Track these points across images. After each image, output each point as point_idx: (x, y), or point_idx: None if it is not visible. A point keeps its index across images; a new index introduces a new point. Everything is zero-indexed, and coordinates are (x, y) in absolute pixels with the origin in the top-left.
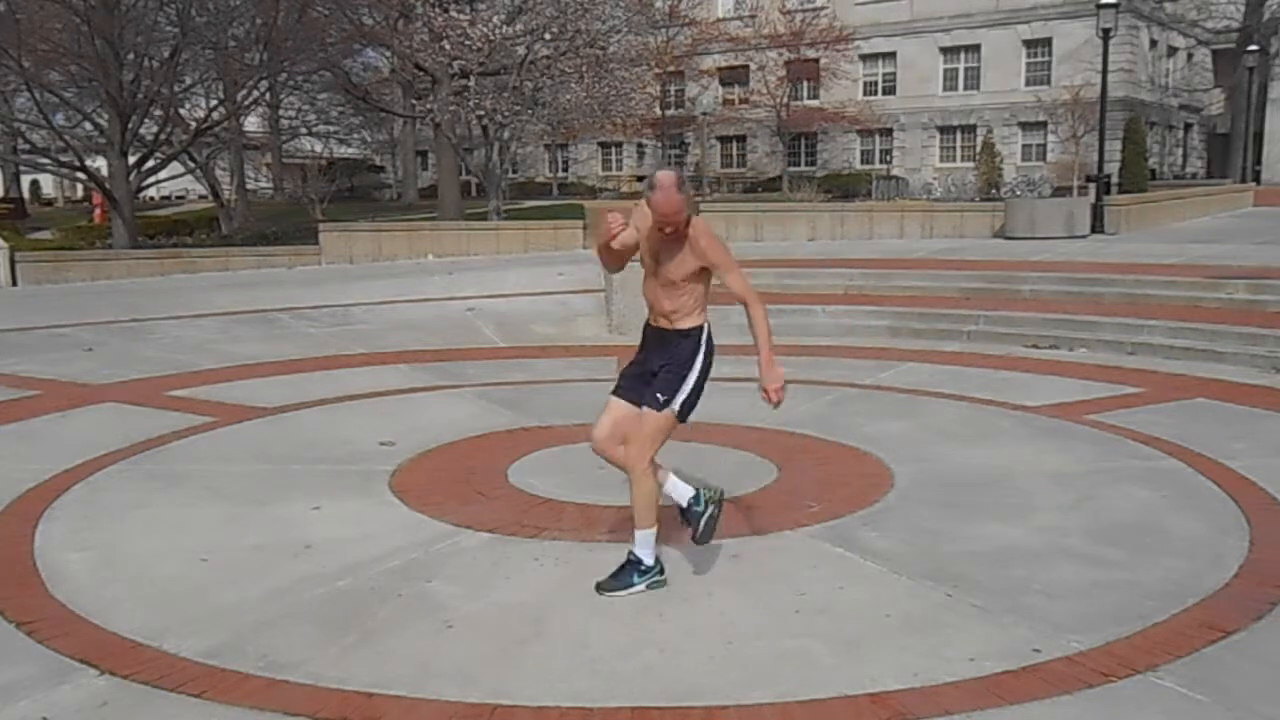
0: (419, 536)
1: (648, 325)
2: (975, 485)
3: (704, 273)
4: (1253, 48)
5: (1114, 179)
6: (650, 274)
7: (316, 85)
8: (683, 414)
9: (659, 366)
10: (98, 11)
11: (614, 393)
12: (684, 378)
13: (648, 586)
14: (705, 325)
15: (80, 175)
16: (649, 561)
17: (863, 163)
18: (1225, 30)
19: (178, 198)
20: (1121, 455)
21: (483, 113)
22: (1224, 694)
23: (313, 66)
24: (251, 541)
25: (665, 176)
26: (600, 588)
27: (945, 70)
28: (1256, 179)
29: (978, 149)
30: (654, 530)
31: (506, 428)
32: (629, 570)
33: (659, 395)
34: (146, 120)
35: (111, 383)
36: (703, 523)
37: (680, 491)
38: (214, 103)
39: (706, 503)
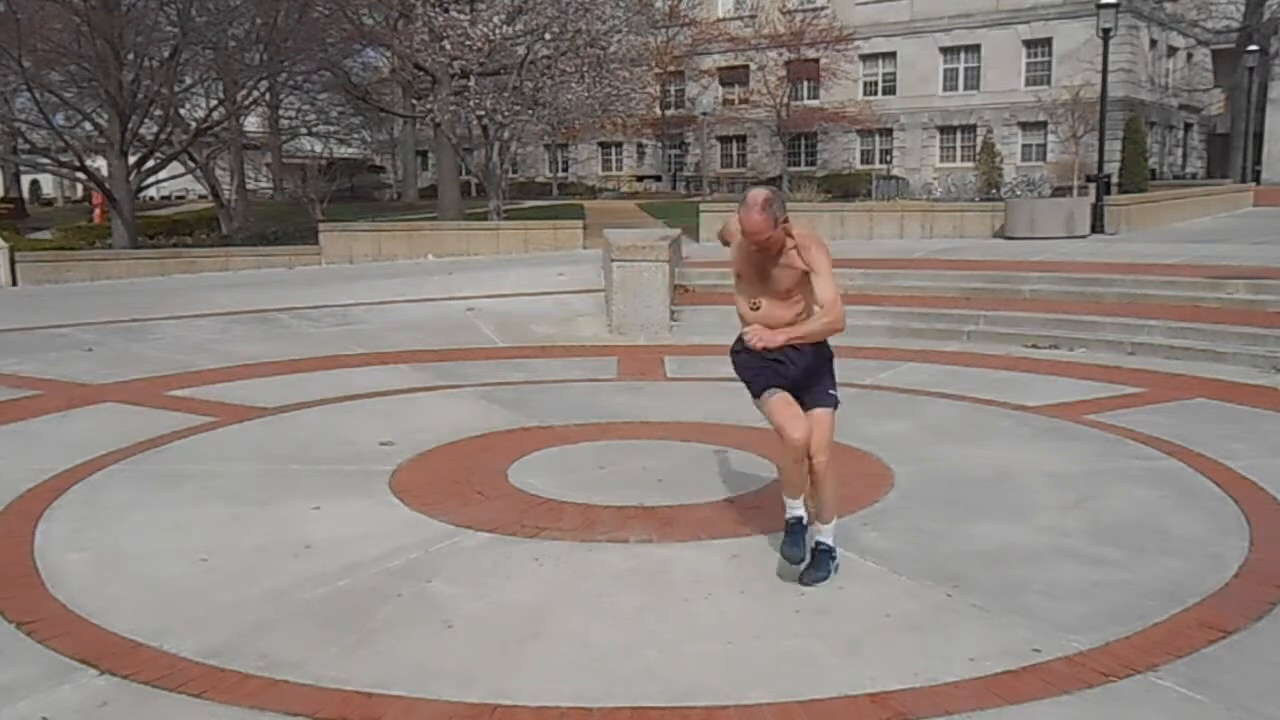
0: (419, 536)
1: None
2: (975, 485)
3: (807, 277)
4: (1253, 48)
5: (1114, 179)
6: (756, 288)
7: (316, 85)
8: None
9: (809, 369)
10: (98, 11)
11: (782, 389)
12: (832, 373)
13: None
14: None
15: (80, 175)
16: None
17: (863, 163)
18: (1225, 30)
19: (178, 198)
20: (1121, 455)
21: (483, 113)
22: (1224, 694)
23: (313, 66)
24: (251, 541)
25: (754, 195)
26: (803, 580)
27: (945, 70)
28: (1256, 179)
29: (978, 149)
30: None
31: (506, 428)
32: (824, 559)
33: (831, 392)
34: (146, 120)
35: (111, 383)
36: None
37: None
38: (214, 103)
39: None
